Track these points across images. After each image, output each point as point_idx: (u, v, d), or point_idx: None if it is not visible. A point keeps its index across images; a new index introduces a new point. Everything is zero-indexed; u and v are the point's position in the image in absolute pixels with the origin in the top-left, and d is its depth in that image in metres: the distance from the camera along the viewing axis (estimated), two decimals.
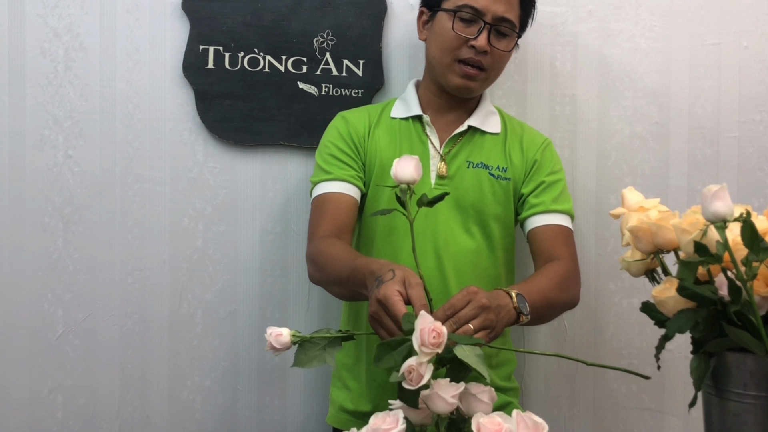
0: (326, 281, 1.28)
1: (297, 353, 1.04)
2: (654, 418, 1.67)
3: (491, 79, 1.41)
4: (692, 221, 0.85)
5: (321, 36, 1.60)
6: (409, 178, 1.06)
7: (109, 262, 1.59)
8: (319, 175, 1.41)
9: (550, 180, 1.42)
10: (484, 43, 1.33)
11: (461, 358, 0.95)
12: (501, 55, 1.38)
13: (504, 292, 1.13)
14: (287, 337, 1.03)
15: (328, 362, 1.03)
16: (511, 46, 1.39)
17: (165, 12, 1.59)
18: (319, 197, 1.39)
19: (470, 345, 0.97)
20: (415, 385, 0.91)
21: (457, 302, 1.05)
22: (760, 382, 0.81)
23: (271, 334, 1.03)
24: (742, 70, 1.66)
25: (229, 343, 1.63)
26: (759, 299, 0.81)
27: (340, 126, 1.44)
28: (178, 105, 1.60)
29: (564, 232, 1.39)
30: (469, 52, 1.34)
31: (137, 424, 1.62)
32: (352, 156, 1.41)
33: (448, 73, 1.38)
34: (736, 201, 0.83)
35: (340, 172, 1.39)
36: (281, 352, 1.04)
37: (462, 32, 1.34)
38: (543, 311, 1.21)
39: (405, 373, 0.91)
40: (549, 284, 1.26)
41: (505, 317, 1.10)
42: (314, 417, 1.64)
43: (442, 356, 1.00)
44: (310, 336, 1.04)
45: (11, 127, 1.56)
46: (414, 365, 0.91)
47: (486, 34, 1.33)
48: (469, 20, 1.34)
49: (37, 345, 1.59)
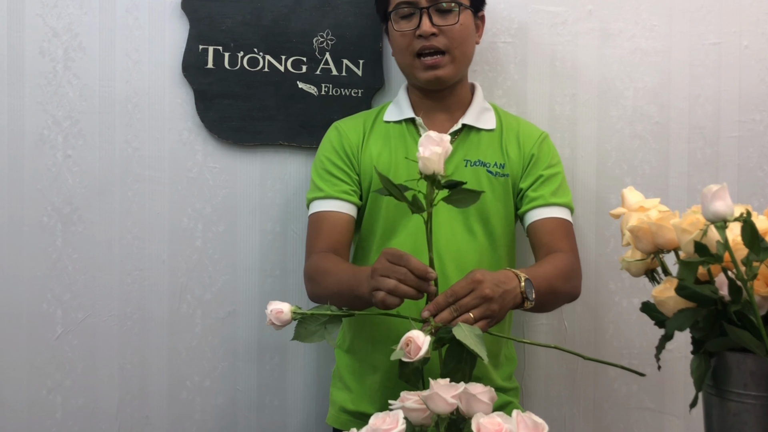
0: (326, 294, 1.27)
1: (297, 327, 1.03)
2: (654, 418, 1.67)
3: (459, 59, 1.38)
4: (692, 221, 0.85)
5: (321, 36, 1.60)
6: (431, 170, 1.04)
7: (108, 262, 1.59)
8: (314, 192, 1.42)
9: (548, 173, 1.41)
10: (426, 27, 1.33)
11: (459, 338, 0.95)
12: (452, 30, 1.35)
13: (513, 274, 1.13)
14: (288, 314, 1.02)
15: (327, 340, 1.02)
16: (458, 19, 1.36)
17: (164, 11, 1.58)
18: (315, 215, 1.41)
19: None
20: (414, 357, 0.90)
21: (460, 290, 1.05)
22: (761, 382, 0.81)
23: (272, 311, 1.02)
24: (742, 69, 1.66)
25: (229, 344, 1.63)
26: (759, 299, 0.81)
27: (334, 139, 1.45)
28: (178, 105, 1.60)
29: (564, 225, 1.39)
30: (420, 42, 1.35)
31: (136, 424, 1.61)
32: (345, 170, 1.41)
33: (414, 71, 1.38)
34: (737, 201, 0.83)
35: (333, 189, 1.40)
36: (281, 328, 1.03)
37: (404, 28, 1.36)
38: (546, 298, 1.21)
39: (402, 346, 0.91)
40: (555, 273, 1.26)
41: (510, 302, 1.11)
42: (313, 417, 1.64)
43: (441, 336, 1.00)
44: (311, 312, 1.04)
45: (10, 127, 1.56)
46: (411, 336, 0.90)
47: (426, 18, 1.34)
48: (408, 15, 1.36)
49: (36, 345, 1.59)
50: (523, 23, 1.65)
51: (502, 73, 1.65)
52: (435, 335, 1.00)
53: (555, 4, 1.64)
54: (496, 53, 1.65)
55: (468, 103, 1.46)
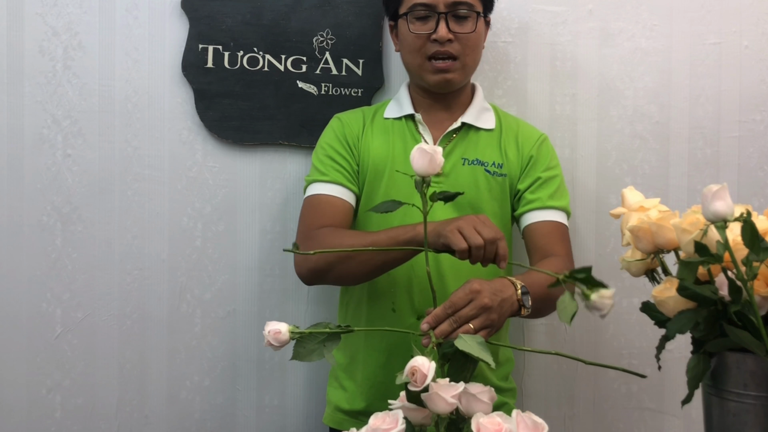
0: (341, 257, 1.25)
1: (296, 347, 1.03)
2: (654, 418, 1.67)
3: (469, 66, 1.40)
4: (692, 221, 0.85)
5: (320, 35, 1.60)
6: (425, 171, 1.04)
7: (107, 261, 1.59)
8: (314, 175, 1.41)
9: (546, 176, 1.41)
10: (443, 33, 1.33)
11: (464, 349, 0.95)
12: (468, 38, 1.36)
13: (509, 282, 1.13)
14: (286, 334, 1.02)
15: (326, 358, 1.02)
16: (474, 27, 1.37)
17: (164, 11, 1.58)
18: (314, 197, 1.39)
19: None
20: (420, 385, 0.90)
21: (459, 300, 1.05)
22: (761, 382, 0.81)
23: (269, 332, 1.02)
24: (742, 69, 1.65)
25: (228, 343, 1.63)
26: (759, 299, 0.81)
27: (336, 127, 1.45)
28: (178, 104, 1.60)
29: (560, 229, 1.39)
30: (434, 46, 1.35)
31: (136, 423, 1.61)
32: (346, 158, 1.41)
33: (424, 73, 1.38)
34: (737, 201, 0.83)
35: (336, 174, 1.39)
36: (280, 348, 1.03)
37: (419, 31, 1.36)
38: (542, 305, 1.21)
39: (408, 374, 0.91)
40: (550, 279, 1.25)
41: (508, 310, 1.10)
42: (313, 417, 1.64)
43: (445, 351, 1.00)
44: (309, 331, 1.03)
45: (10, 126, 1.56)
46: (417, 366, 0.90)
47: (444, 23, 1.34)
48: (424, 17, 1.35)
49: (35, 344, 1.59)
50: (523, 23, 1.64)
51: (503, 73, 1.65)
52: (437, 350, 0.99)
53: (555, 3, 1.64)
54: (496, 53, 1.65)
55: (468, 103, 1.46)
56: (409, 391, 0.92)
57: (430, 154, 1.01)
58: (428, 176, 1.03)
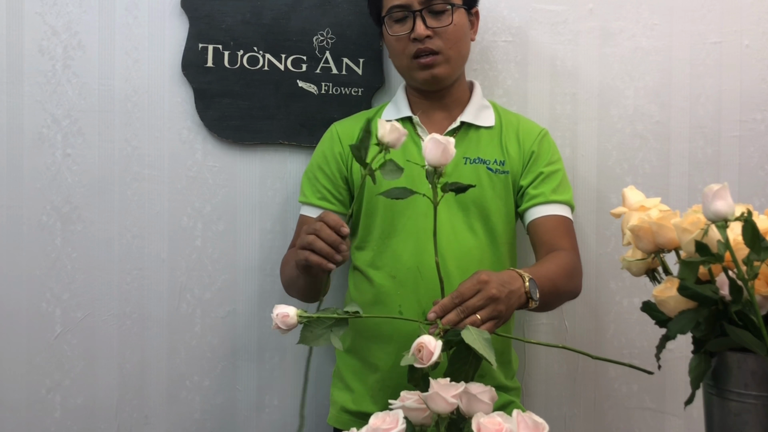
0: (286, 284, 1.40)
1: (303, 331, 1.02)
2: (655, 417, 1.67)
3: (454, 58, 1.38)
4: (693, 220, 0.84)
5: (321, 34, 1.59)
6: (437, 161, 1.04)
7: (107, 261, 1.59)
8: (300, 196, 1.49)
9: (548, 170, 1.41)
10: (420, 31, 1.33)
11: (468, 342, 0.95)
12: (446, 32, 1.35)
13: (517, 274, 1.13)
14: (294, 318, 1.01)
15: (333, 343, 1.01)
16: (452, 19, 1.35)
17: (164, 10, 1.58)
18: (300, 218, 1.49)
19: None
20: (426, 362, 0.90)
21: (466, 291, 1.05)
22: (761, 382, 0.81)
23: (277, 315, 1.01)
24: (743, 68, 1.65)
25: (228, 343, 1.63)
26: (760, 299, 0.81)
27: (326, 145, 1.47)
28: (177, 103, 1.59)
29: (564, 223, 1.39)
30: (415, 45, 1.35)
31: (136, 423, 1.61)
32: (330, 178, 1.44)
33: (411, 73, 1.39)
34: (737, 200, 0.82)
35: (314, 196, 1.45)
36: (287, 332, 1.02)
37: (398, 32, 1.36)
38: (550, 297, 1.21)
39: (414, 352, 0.91)
40: (557, 271, 1.26)
41: (516, 302, 1.10)
42: (314, 417, 1.63)
43: (449, 339, 1.00)
44: (317, 315, 1.03)
45: (9, 126, 1.56)
46: (423, 342, 0.90)
47: (420, 21, 1.34)
48: (402, 18, 1.36)
49: (35, 344, 1.58)
50: (523, 22, 1.64)
51: (503, 73, 1.65)
52: (443, 337, 0.99)
53: (555, 3, 1.64)
54: (496, 52, 1.64)
55: (466, 101, 1.46)
56: (413, 370, 0.92)
57: (444, 144, 1.02)
58: (440, 167, 1.03)
